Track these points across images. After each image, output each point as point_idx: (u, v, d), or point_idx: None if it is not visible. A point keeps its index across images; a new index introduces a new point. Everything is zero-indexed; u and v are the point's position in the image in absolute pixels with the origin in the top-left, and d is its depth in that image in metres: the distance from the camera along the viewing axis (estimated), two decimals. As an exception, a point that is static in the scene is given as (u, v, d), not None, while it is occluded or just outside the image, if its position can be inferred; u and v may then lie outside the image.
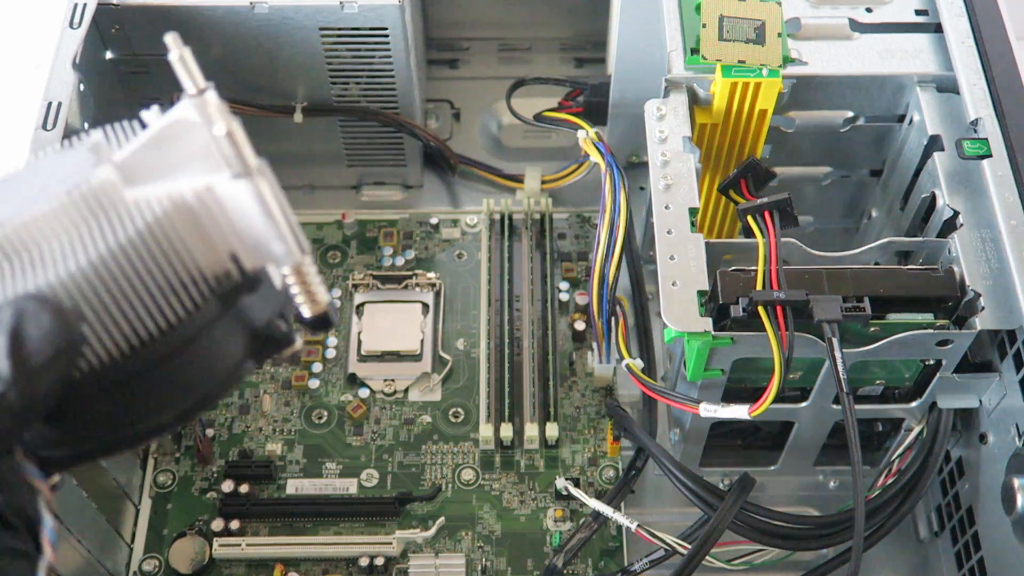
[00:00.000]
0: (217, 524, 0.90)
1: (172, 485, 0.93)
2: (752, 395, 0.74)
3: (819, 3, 0.87)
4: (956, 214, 0.76)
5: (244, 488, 0.91)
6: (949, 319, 0.73)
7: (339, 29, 0.94)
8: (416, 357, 0.99)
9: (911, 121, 0.85)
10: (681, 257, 0.74)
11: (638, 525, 0.82)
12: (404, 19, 0.93)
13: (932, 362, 0.77)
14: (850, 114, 0.86)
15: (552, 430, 0.94)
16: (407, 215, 1.10)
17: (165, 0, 0.91)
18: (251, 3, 0.92)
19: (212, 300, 0.46)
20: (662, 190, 0.77)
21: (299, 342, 0.52)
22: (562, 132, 1.06)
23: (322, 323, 0.51)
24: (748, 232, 0.77)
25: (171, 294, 0.45)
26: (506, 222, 1.06)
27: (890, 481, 0.82)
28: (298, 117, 1.01)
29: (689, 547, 0.78)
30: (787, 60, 0.82)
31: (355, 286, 1.03)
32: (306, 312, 0.49)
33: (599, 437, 0.96)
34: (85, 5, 0.90)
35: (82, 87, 0.87)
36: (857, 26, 0.86)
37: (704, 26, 0.82)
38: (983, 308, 0.72)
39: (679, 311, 0.72)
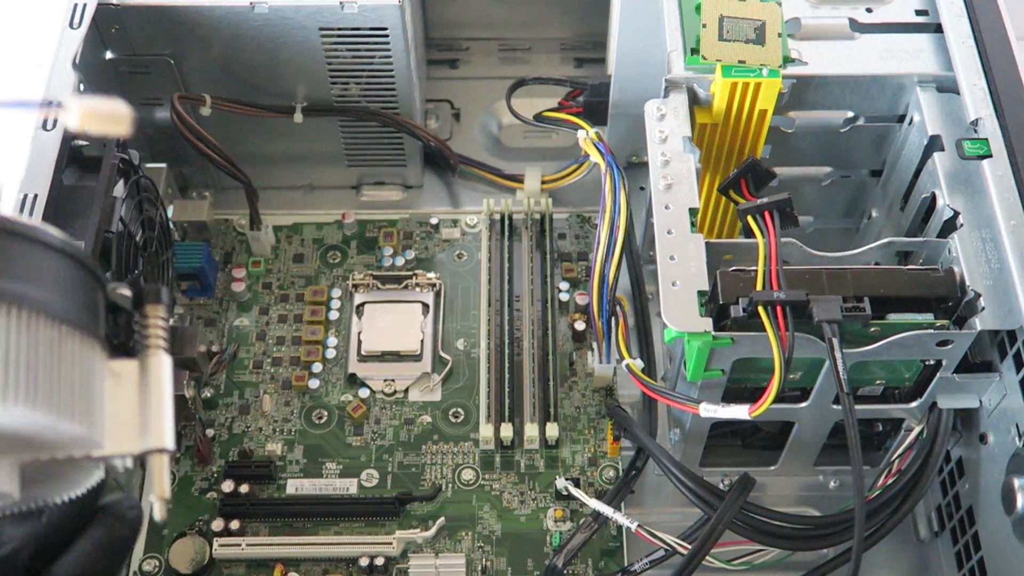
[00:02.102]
0: (217, 524, 0.90)
1: (172, 485, 0.93)
2: (752, 395, 0.74)
3: (819, 3, 0.87)
4: (956, 214, 0.76)
5: (244, 488, 0.91)
6: (949, 319, 0.73)
7: (339, 29, 0.94)
8: (416, 357, 0.99)
9: (911, 121, 0.85)
10: (681, 257, 0.74)
11: (638, 525, 0.82)
12: (404, 19, 0.93)
13: (932, 362, 0.77)
14: (850, 114, 0.86)
15: (552, 430, 0.94)
16: (407, 215, 1.10)
17: (165, 0, 0.91)
18: (251, 3, 0.92)
19: None
20: (662, 190, 0.77)
21: None
22: (562, 132, 1.06)
23: None
24: (748, 232, 0.77)
25: None
26: (506, 222, 1.06)
27: (890, 481, 0.82)
28: (298, 117, 1.01)
29: (689, 547, 0.79)
30: (787, 60, 0.82)
31: (355, 286, 1.03)
32: None
33: (599, 437, 0.96)
34: (85, 5, 0.90)
35: (82, 87, 0.87)
36: (857, 26, 0.86)
37: (704, 26, 0.82)
38: (983, 308, 0.72)
39: (679, 311, 0.72)
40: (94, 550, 0.50)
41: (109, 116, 0.44)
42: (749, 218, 0.77)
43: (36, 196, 0.78)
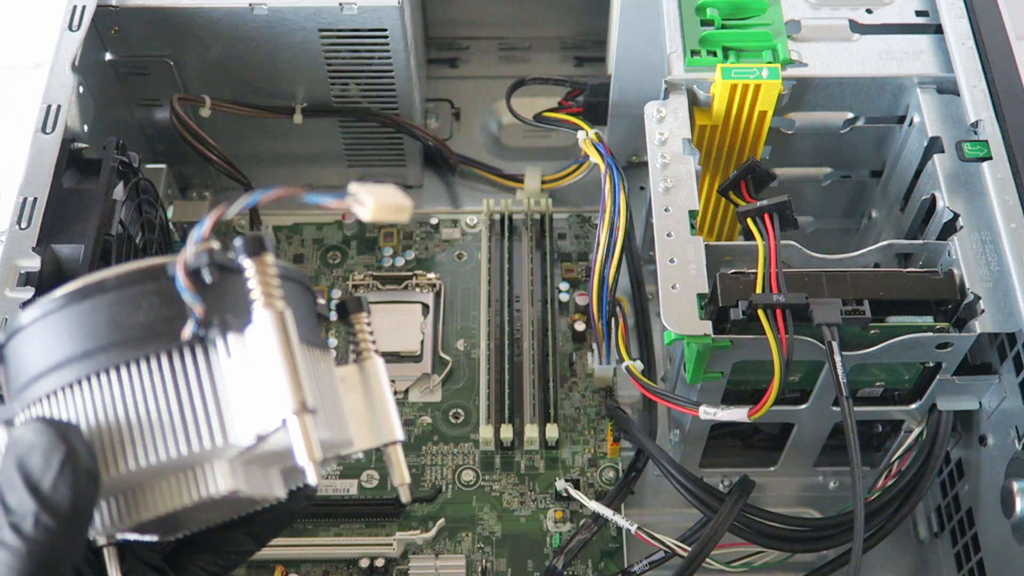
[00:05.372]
0: (218, 525, 0.90)
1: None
2: (752, 397, 0.74)
3: (819, 4, 0.87)
4: (956, 216, 0.76)
5: (244, 489, 0.91)
6: (949, 322, 0.73)
7: (338, 30, 0.94)
8: (416, 358, 0.99)
9: (911, 123, 0.84)
10: (681, 260, 0.74)
11: (638, 527, 0.82)
12: (403, 20, 0.93)
13: (932, 364, 0.76)
14: (850, 115, 0.86)
15: (552, 431, 0.94)
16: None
17: (165, 2, 0.91)
18: (250, 4, 0.92)
19: None
20: (662, 192, 0.77)
21: None
22: (562, 132, 1.05)
23: None
24: (748, 234, 0.77)
25: None
26: (506, 222, 1.06)
27: (890, 483, 0.82)
28: (298, 117, 1.01)
29: (689, 549, 0.79)
30: (787, 61, 0.82)
31: (355, 286, 1.03)
32: None
33: (599, 438, 0.96)
34: (84, 7, 0.90)
35: (81, 89, 0.87)
36: (857, 27, 0.85)
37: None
38: (983, 311, 0.71)
39: (679, 314, 0.72)
40: (282, 514, 0.59)
41: (396, 207, 0.48)
42: (749, 220, 0.77)
43: (36, 199, 0.78)
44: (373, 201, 0.47)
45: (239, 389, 0.47)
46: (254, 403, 0.46)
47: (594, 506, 0.85)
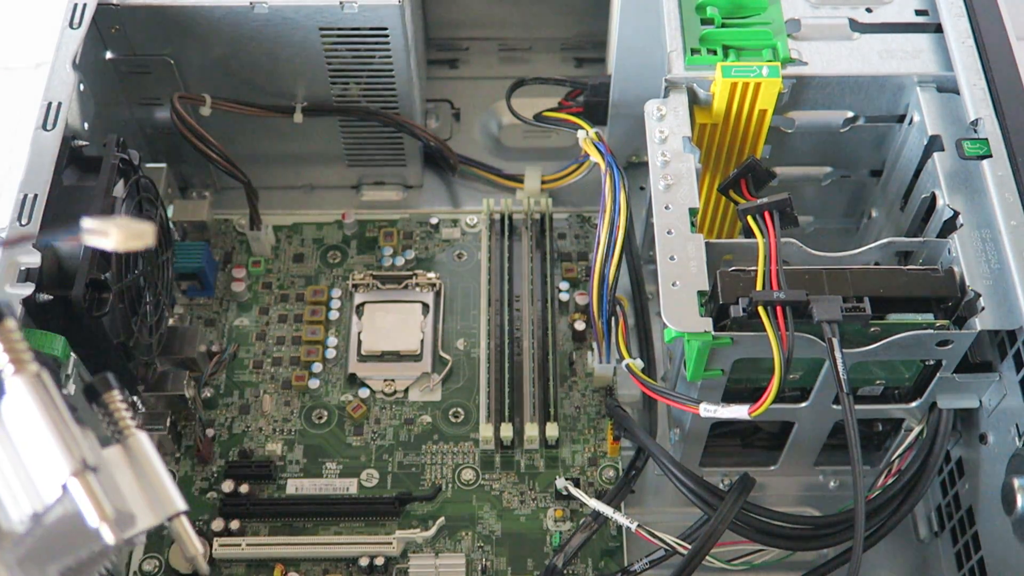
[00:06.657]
0: (217, 524, 0.90)
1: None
2: (752, 395, 0.74)
3: (819, 3, 0.87)
4: (956, 214, 0.76)
5: (244, 488, 0.91)
6: (949, 319, 0.73)
7: (339, 29, 0.94)
8: (416, 357, 0.99)
9: (911, 121, 0.85)
10: (681, 257, 0.74)
11: (638, 525, 0.82)
12: (404, 19, 0.93)
13: (932, 362, 0.77)
14: (850, 114, 0.86)
15: (552, 430, 0.94)
16: (407, 215, 1.10)
17: (165, 0, 0.91)
18: (251, 3, 0.92)
19: None
20: (662, 190, 0.77)
21: None
22: (562, 132, 1.06)
23: None
24: (748, 232, 0.77)
25: None
26: (506, 222, 1.06)
27: (890, 481, 0.82)
28: (298, 117, 1.01)
29: (689, 547, 0.79)
30: (787, 60, 0.82)
31: (355, 286, 1.03)
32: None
33: (599, 437, 0.96)
34: (85, 5, 0.90)
35: (82, 87, 0.87)
36: (857, 26, 0.86)
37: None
38: (983, 308, 0.72)
39: (679, 311, 0.72)
40: None
41: (138, 232, 0.47)
42: (749, 218, 0.77)
43: (36, 196, 0.78)
44: (115, 229, 0.46)
45: (4, 472, 0.45)
46: (24, 481, 0.44)
47: (594, 504, 0.85)
